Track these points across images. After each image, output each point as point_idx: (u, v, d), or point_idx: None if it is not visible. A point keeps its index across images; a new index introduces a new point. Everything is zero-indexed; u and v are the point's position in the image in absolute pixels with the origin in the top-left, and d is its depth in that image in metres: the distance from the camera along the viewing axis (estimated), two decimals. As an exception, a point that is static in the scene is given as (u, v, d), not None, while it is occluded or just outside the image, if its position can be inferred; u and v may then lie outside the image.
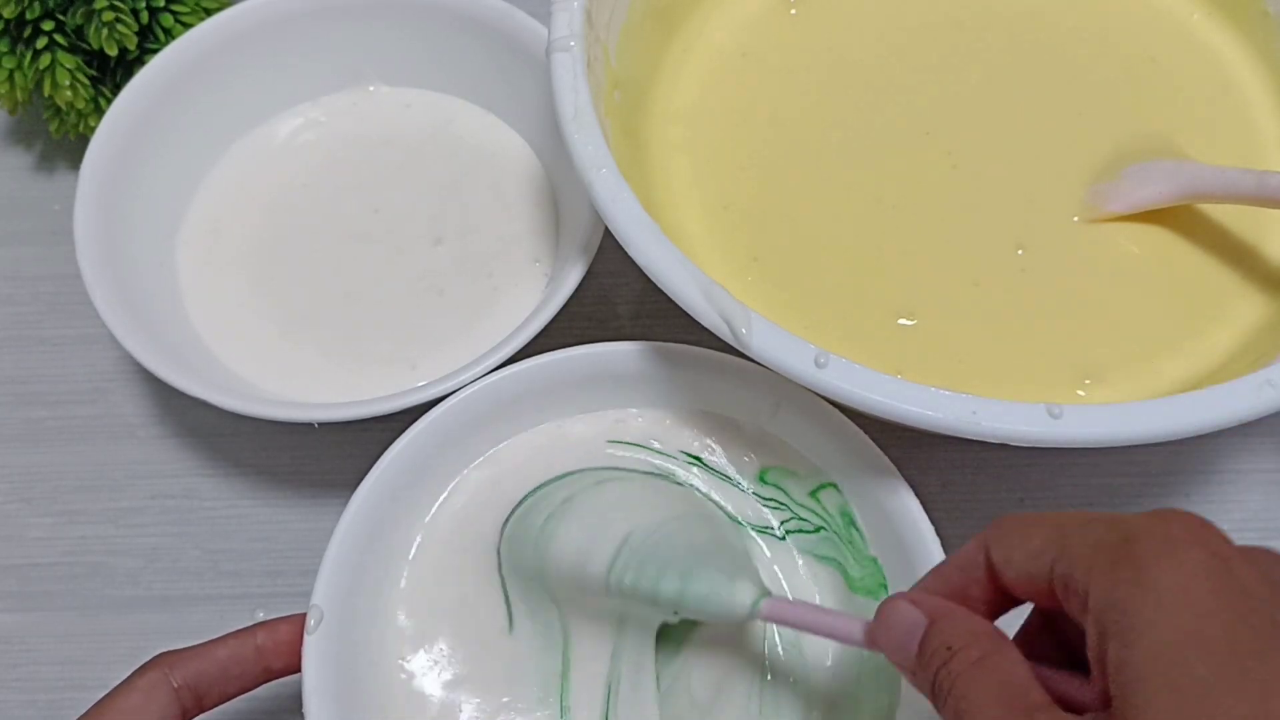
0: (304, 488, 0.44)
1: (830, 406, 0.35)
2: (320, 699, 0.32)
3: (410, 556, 0.36)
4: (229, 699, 0.33)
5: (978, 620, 0.25)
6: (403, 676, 0.34)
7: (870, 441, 0.34)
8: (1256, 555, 0.23)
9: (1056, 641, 0.26)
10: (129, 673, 0.33)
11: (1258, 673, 0.20)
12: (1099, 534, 0.23)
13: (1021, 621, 0.27)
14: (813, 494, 0.36)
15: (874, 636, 0.27)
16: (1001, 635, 0.24)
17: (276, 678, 0.33)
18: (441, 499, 0.37)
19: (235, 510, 0.44)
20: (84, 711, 0.32)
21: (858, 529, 0.35)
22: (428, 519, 0.37)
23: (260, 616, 0.42)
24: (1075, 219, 0.40)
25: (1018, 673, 0.23)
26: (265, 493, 0.44)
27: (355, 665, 0.33)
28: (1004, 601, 0.26)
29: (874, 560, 0.35)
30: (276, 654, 0.33)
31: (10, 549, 0.44)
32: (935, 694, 0.24)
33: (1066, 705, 0.22)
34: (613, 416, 0.38)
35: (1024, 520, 0.25)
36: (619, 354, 0.37)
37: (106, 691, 0.32)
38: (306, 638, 0.32)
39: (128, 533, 0.44)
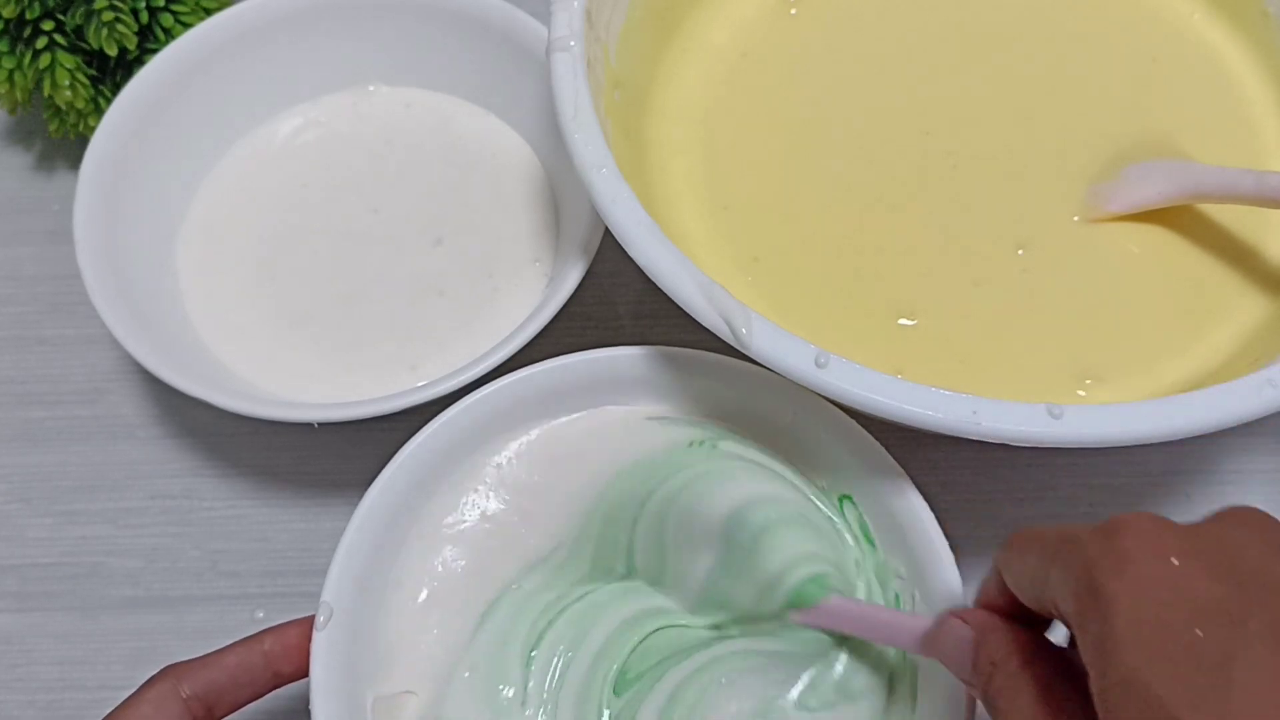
0: (304, 488, 0.44)
1: (842, 413, 0.35)
2: (327, 696, 0.32)
3: (422, 554, 0.36)
4: (239, 707, 0.33)
5: (1017, 632, 0.26)
6: (411, 675, 0.34)
7: (881, 448, 0.34)
8: (1207, 542, 0.22)
9: None
10: (128, 673, 0.33)
11: (1216, 686, 0.20)
12: (1068, 564, 0.23)
13: None
14: (840, 511, 0.36)
15: (932, 648, 0.29)
16: (1040, 644, 0.26)
17: (286, 683, 0.33)
18: (455, 497, 0.37)
19: (235, 510, 0.44)
20: None
21: (873, 544, 0.35)
22: (440, 517, 0.36)
23: (260, 617, 0.42)
24: (1075, 219, 0.40)
25: (1061, 684, 0.24)
26: (265, 493, 0.44)
27: (363, 663, 0.33)
28: (1029, 613, 0.27)
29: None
30: (285, 659, 0.33)
31: (10, 549, 0.44)
32: (987, 705, 0.26)
33: None
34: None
35: (1019, 545, 0.26)
36: (639, 358, 0.36)
37: (104, 689, 0.32)
38: (315, 635, 0.32)
39: (127, 533, 0.44)
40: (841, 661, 0.33)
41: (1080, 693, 0.23)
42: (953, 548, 0.33)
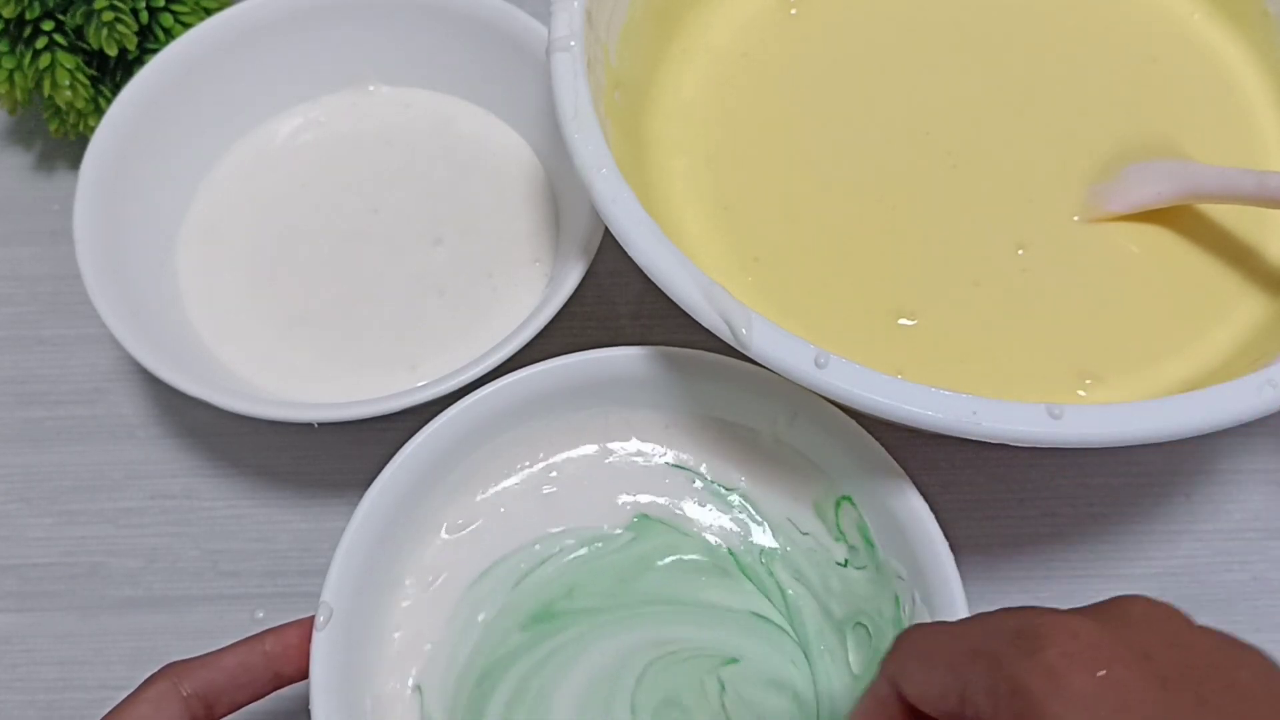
0: (303, 488, 0.44)
1: (842, 413, 0.35)
2: (327, 696, 0.32)
3: (422, 554, 0.36)
4: (239, 707, 0.33)
5: None
6: (411, 675, 0.34)
7: (881, 448, 0.34)
8: (1125, 640, 0.22)
9: None
10: (128, 673, 0.33)
11: None
12: (990, 680, 0.22)
13: None
14: (837, 522, 0.36)
15: None
16: None
17: (286, 684, 0.33)
18: (455, 497, 0.37)
19: (235, 510, 0.44)
20: None
21: (873, 544, 0.35)
22: (440, 517, 0.36)
23: (260, 617, 0.42)
24: (1075, 219, 0.40)
25: None
26: (265, 493, 0.44)
27: (364, 663, 0.33)
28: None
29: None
30: (286, 659, 0.33)
31: (10, 549, 0.44)
32: None
33: None
34: (647, 419, 0.38)
35: (920, 655, 0.25)
36: (639, 358, 0.36)
37: (104, 689, 0.32)
38: (315, 635, 0.32)
39: (127, 533, 0.44)
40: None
41: None
42: (953, 548, 0.33)
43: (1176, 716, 0.20)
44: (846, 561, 0.36)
